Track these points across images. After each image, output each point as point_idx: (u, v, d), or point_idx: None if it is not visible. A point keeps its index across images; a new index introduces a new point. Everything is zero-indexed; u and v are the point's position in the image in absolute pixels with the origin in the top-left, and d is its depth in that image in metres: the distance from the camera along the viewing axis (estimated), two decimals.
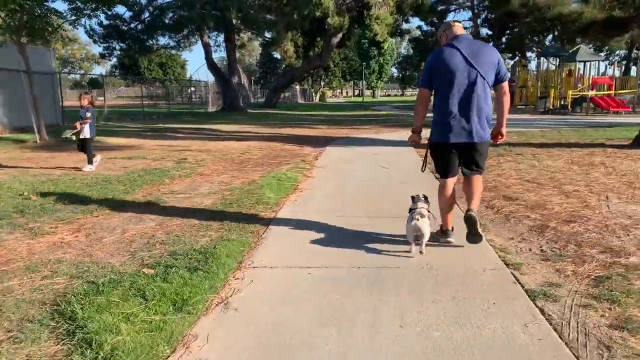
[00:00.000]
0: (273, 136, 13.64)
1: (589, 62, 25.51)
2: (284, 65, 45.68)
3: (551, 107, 24.40)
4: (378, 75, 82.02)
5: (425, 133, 3.72)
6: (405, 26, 40.93)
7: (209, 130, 15.65)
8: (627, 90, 24.03)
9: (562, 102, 24.50)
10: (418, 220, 3.49)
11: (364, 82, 75.20)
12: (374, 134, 14.12)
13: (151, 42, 28.30)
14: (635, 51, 40.13)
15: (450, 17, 44.96)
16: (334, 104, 50.11)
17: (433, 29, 42.11)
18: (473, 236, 3.58)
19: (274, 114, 26.26)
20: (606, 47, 43.65)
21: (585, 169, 7.16)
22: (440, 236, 3.83)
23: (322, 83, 70.01)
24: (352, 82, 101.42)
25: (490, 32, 42.27)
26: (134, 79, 58.60)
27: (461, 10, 41.99)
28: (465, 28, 3.85)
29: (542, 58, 29.25)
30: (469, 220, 3.55)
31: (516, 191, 5.71)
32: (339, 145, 11.35)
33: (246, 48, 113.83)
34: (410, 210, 3.70)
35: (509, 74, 3.85)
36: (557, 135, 12.27)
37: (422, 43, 42.25)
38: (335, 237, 4.04)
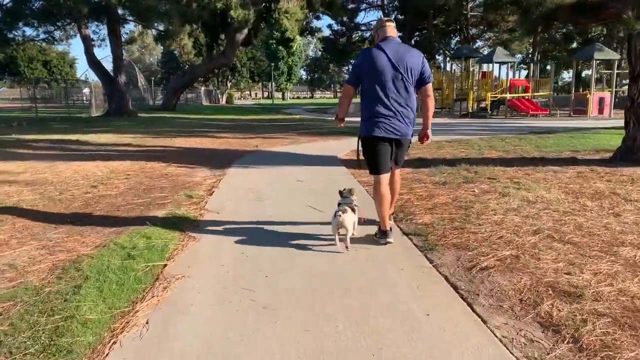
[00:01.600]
0: (158, 151, 10.39)
1: (503, 64, 24.83)
2: (187, 65, 41.61)
3: (470, 110, 23.31)
4: (287, 77, 79.77)
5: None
6: (315, 23, 38.84)
7: (75, 143, 11.97)
8: (542, 93, 23.58)
9: (481, 105, 23.54)
10: (340, 216, 3.52)
11: (273, 83, 72.46)
12: (291, 144, 11.42)
13: (14, 34, 23.28)
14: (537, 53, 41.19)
15: (360, 16, 43.73)
16: (242, 107, 46.77)
17: (343, 28, 40.47)
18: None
19: (171, 118, 22.60)
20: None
21: (601, 203, 4.97)
22: (380, 237, 3.79)
23: (229, 84, 66.14)
24: (260, 84, 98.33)
25: (400, 34, 41.47)
26: (12, 79, 51.01)
27: (371, 9, 40.69)
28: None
29: (454, 59, 28.34)
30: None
31: (559, 268, 3.23)
32: (247, 164, 8.47)
33: (147, 48, 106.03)
34: (338, 204, 3.74)
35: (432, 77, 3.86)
36: (508, 146, 10.36)
37: (332, 43, 40.43)
38: None
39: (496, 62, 23.39)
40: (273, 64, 66.35)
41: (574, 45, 40.69)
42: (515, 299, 2.81)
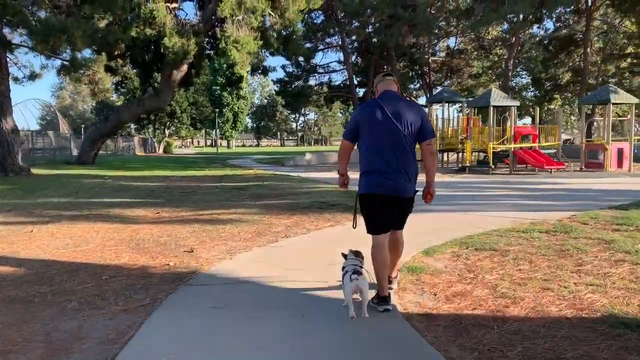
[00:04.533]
0: None
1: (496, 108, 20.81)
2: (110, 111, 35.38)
3: (468, 165, 18.84)
4: (233, 125, 74.58)
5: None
6: (270, 62, 34.14)
7: None
8: (550, 143, 19.59)
9: (483, 157, 19.20)
10: (357, 278, 3.27)
11: (218, 131, 66.83)
12: (258, 238, 5.98)
13: None
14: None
15: (319, 56, 39.70)
16: (182, 157, 40.72)
17: (298, 70, 36.08)
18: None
19: (76, 178, 16.44)
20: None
21: None
22: (378, 304, 3.50)
23: (167, 132, 59.83)
24: (204, 131, 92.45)
25: (359, 78, 37.62)
26: None
27: (330, 50, 36.69)
28: (334, 71, 15.26)
29: (434, 104, 24.24)
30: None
31: None
32: (168, 333, 2.89)
33: (81, 94, 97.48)
34: (343, 268, 3.47)
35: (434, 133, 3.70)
36: None
37: (286, 85, 35.80)
38: None
39: (493, 106, 19.29)
40: (217, 109, 60.96)
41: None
42: None
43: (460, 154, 21.36)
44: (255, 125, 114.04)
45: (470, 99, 21.92)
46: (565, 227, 6.58)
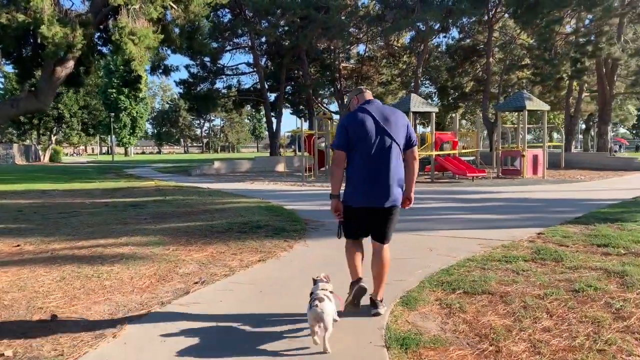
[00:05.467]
0: None
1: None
2: None
3: None
4: (131, 130, 69.31)
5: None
6: (172, 61, 31.25)
7: None
8: (470, 150, 19.30)
9: None
10: (317, 306, 2.91)
11: (114, 137, 61.50)
12: (155, 290, 4.06)
13: None
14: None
15: (226, 57, 37.43)
16: (71, 166, 36.18)
17: (204, 71, 33.57)
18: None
19: None
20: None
21: None
22: (353, 284, 3.49)
23: (54, 138, 53.65)
24: (98, 137, 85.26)
25: (268, 83, 35.94)
26: None
27: (238, 51, 34.62)
28: (244, 74, 16.91)
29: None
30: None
31: None
32: None
33: None
34: (311, 294, 3.13)
35: (416, 139, 3.61)
36: None
37: (190, 87, 33.03)
38: None
39: (413, 112, 18.62)
40: (113, 114, 55.89)
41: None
42: None
43: None
44: (156, 131, 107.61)
45: (390, 104, 21.14)
46: (548, 252, 5.42)
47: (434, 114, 18.45)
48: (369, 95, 3.64)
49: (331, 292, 3.20)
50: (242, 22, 29.83)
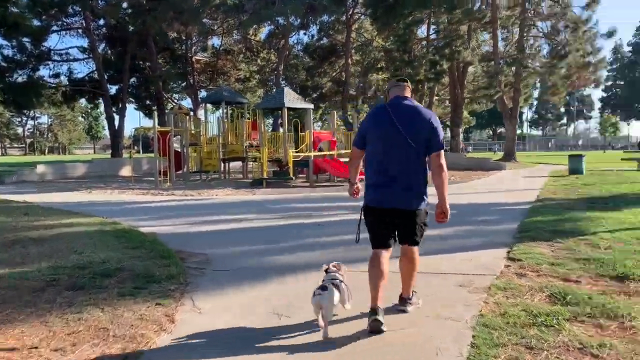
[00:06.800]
0: None
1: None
2: None
3: (265, 177, 15.64)
4: None
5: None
6: None
7: None
8: (348, 150, 17.89)
9: (281, 168, 16.24)
10: (320, 294, 3.01)
11: None
12: None
13: None
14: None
15: (53, 40, 31.25)
16: None
17: (22, 55, 27.43)
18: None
19: None
20: None
21: None
22: (369, 315, 3.14)
23: None
24: None
25: (109, 73, 30.99)
26: None
27: (69, 33, 29.04)
28: (76, 60, 11.76)
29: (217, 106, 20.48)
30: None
31: None
32: None
33: None
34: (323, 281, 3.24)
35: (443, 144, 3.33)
36: None
37: (5, 74, 26.52)
38: None
39: (288, 108, 16.64)
40: None
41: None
42: None
43: (252, 164, 18.18)
44: None
45: (261, 100, 18.93)
46: (572, 296, 3.70)
47: (311, 111, 16.67)
48: (400, 90, 3.43)
49: (341, 281, 3.24)
50: None
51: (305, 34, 36.10)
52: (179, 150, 20.33)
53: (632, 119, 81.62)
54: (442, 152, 3.28)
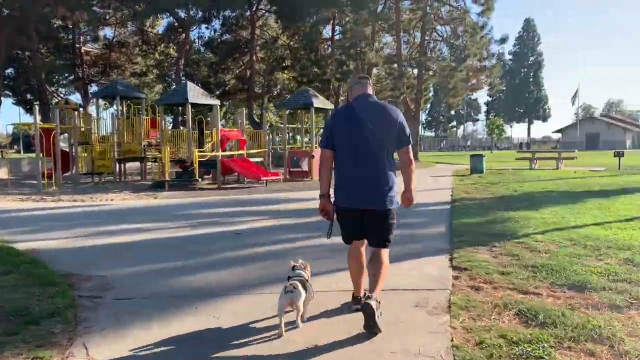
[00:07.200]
0: None
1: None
2: None
3: (167, 179, 14.30)
4: None
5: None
6: None
7: None
8: (258, 150, 16.97)
9: (184, 169, 14.93)
10: (292, 291, 3.01)
11: None
12: None
13: None
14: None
15: None
16: None
17: None
18: (369, 328, 2.96)
19: None
20: None
21: None
22: (352, 303, 3.46)
23: None
24: None
25: None
26: None
27: None
28: None
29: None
30: (365, 310, 2.94)
31: None
32: None
33: None
34: (289, 279, 3.20)
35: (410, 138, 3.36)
36: None
37: None
38: None
39: (192, 104, 15.40)
40: None
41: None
42: None
43: (152, 165, 16.65)
44: None
45: (161, 96, 17.34)
46: (536, 313, 3.34)
47: (217, 108, 15.59)
48: (362, 88, 3.40)
49: (306, 280, 3.25)
50: None
51: (207, 28, 34.49)
52: (67, 149, 18.16)
53: (514, 121, 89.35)
54: (410, 147, 3.31)
